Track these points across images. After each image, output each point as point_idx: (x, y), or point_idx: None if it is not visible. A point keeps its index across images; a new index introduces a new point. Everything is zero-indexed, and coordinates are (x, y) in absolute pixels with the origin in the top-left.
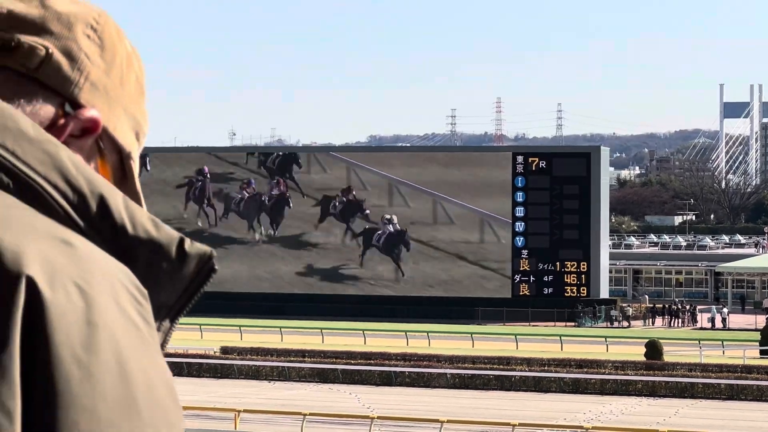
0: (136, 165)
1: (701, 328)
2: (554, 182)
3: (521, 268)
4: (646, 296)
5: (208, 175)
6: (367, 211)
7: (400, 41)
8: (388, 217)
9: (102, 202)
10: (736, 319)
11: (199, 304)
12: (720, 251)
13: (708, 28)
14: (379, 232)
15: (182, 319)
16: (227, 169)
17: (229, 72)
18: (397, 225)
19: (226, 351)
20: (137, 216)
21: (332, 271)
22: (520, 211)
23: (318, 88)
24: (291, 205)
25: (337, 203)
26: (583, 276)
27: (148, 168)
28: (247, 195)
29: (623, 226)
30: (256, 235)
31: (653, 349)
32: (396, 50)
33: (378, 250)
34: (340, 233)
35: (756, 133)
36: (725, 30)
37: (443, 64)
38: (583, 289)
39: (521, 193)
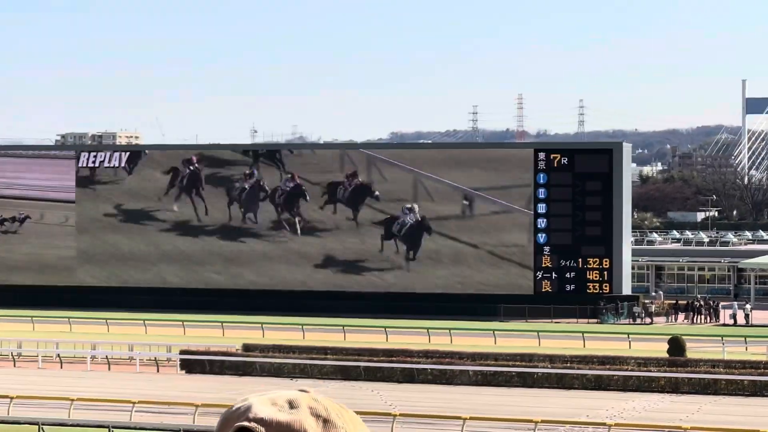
0: None
1: (723, 325)
2: (576, 179)
3: (543, 265)
4: (661, 293)
5: (197, 166)
6: (377, 193)
7: (422, 38)
8: (408, 206)
9: None
10: (761, 316)
11: (221, 302)
12: (742, 247)
13: (730, 24)
14: (399, 222)
15: (204, 317)
16: (232, 164)
17: (250, 70)
18: (418, 214)
19: (248, 348)
20: None
21: (352, 265)
22: (542, 208)
23: (339, 86)
24: (308, 198)
25: (344, 188)
26: (605, 272)
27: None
28: (247, 187)
29: (645, 222)
30: (266, 229)
31: (676, 345)
32: (417, 47)
33: (399, 240)
34: (360, 226)
35: None
36: (747, 25)
37: (464, 60)
38: (606, 286)
39: (543, 190)
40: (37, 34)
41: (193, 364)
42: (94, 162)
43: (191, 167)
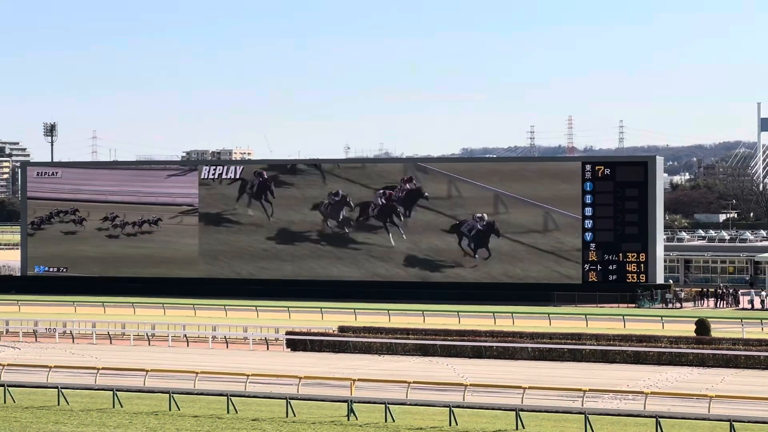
0: None
1: (743, 309)
2: (617, 186)
3: (590, 259)
4: (671, 281)
5: (266, 176)
6: (426, 194)
7: (488, 68)
8: (479, 215)
9: None
10: None
11: (320, 291)
12: (758, 243)
13: (748, 53)
14: (469, 226)
15: (306, 303)
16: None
17: (344, 93)
18: (485, 222)
19: (343, 329)
20: None
21: (430, 261)
22: (588, 211)
23: (420, 107)
24: (400, 211)
25: (398, 190)
26: (642, 265)
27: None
28: (336, 200)
29: (676, 223)
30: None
31: (702, 326)
32: (484, 75)
33: (468, 240)
34: (436, 228)
35: None
36: (764, 54)
37: (523, 86)
38: (642, 276)
39: (589, 196)
40: (160, 61)
41: (297, 343)
42: (213, 174)
43: (261, 177)
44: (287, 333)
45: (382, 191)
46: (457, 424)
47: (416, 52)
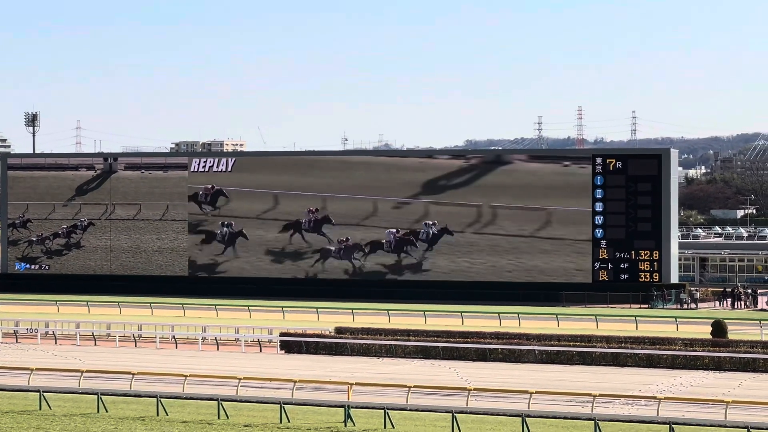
0: None
1: (761, 310)
2: (629, 180)
3: (600, 257)
4: (686, 281)
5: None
6: (333, 221)
7: (493, 56)
8: (429, 222)
9: None
10: None
11: (316, 290)
12: None
13: (765, 43)
14: (423, 233)
15: (300, 303)
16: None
17: (342, 84)
18: (436, 227)
19: (340, 331)
20: None
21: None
22: (599, 206)
23: (421, 97)
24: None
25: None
26: (655, 263)
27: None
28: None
29: (691, 219)
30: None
31: (719, 328)
32: (488, 64)
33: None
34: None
35: None
36: None
37: (531, 75)
38: (656, 275)
39: (600, 191)
40: (155, 50)
41: (292, 345)
42: (204, 167)
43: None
44: (281, 334)
45: (394, 229)
46: (460, 431)
47: (417, 40)
